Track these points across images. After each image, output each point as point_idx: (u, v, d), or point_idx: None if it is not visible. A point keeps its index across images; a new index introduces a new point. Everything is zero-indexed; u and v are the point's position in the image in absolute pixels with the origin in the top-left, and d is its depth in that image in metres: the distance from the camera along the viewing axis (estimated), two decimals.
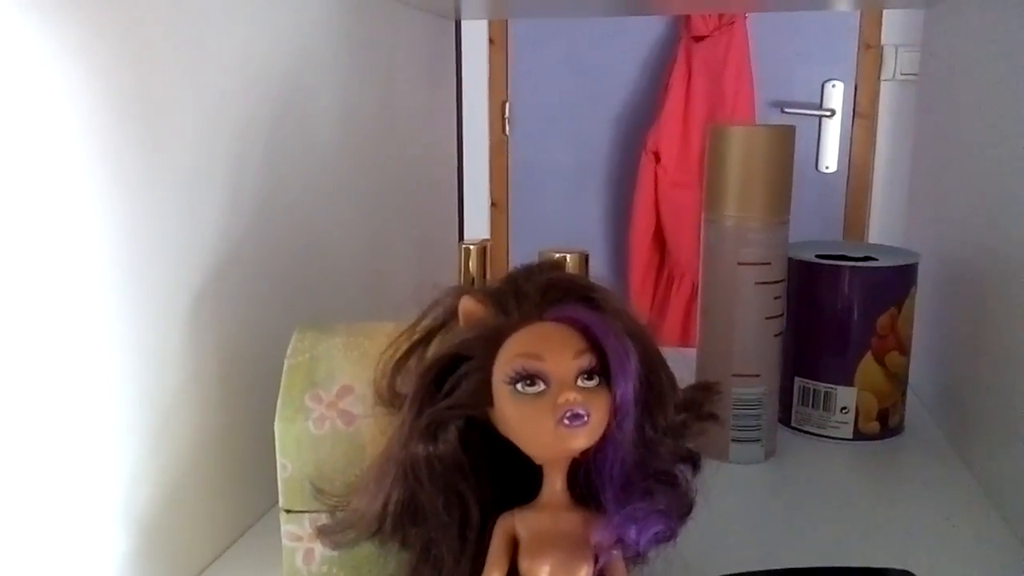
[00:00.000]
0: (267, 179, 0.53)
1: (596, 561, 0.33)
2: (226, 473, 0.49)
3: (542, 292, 0.35)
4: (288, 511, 0.39)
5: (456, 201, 0.97)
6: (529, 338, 0.33)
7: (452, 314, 0.37)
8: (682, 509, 0.35)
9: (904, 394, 0.66)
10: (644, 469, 0.34)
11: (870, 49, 2.20)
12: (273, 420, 0.40)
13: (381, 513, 0.35)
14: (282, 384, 0.39)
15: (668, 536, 0.33)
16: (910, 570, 0.44)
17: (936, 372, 0.70)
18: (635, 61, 2.37)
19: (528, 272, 0.36)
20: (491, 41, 2.40)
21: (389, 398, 0.38)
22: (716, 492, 0.55)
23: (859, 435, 0.64)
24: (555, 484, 0.34)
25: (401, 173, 0.77)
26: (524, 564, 0.33)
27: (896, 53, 2.16)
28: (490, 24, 2.36)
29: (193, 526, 0.46)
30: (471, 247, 0.61)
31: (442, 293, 0.38)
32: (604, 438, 0.33)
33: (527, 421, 0.32)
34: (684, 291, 2.29)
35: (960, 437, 0.63)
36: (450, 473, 0.34)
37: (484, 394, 0.34)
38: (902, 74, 2.14)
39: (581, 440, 0.32)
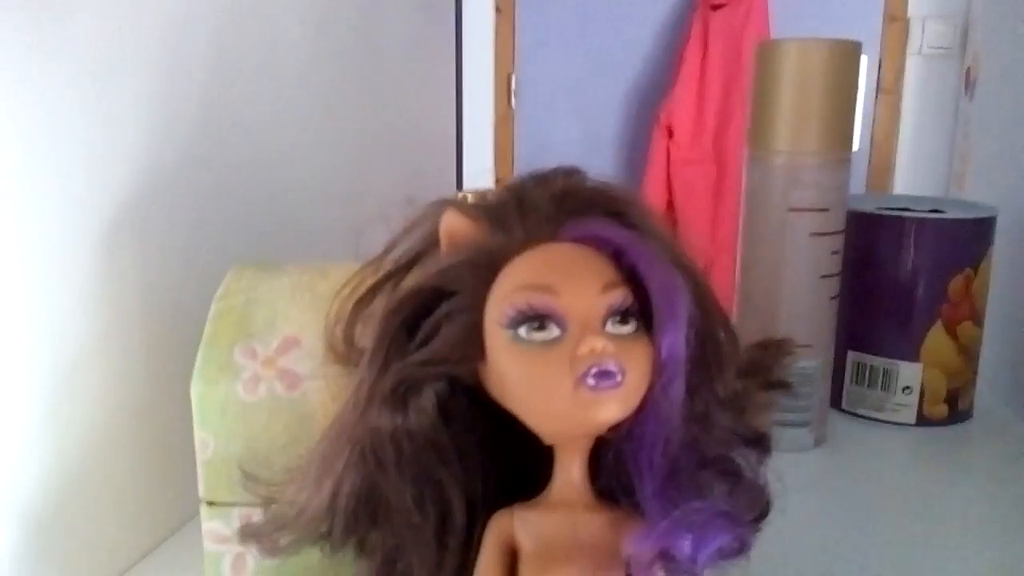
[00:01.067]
0: (213, 97, 0.43)
1: None
2: (147, 455, 0.38)
3: (557, 202, 0.25)
4: (211, 503, 0.29)
5: (455, 174, 0.88)
6: (538, 264, 0.23)
7: (434, 239, 0.27)
8: (754, 511, 0.25)
9: (976, 373, 0.55)
10: (697, 454, 0.24)
11: (895, 21, 2.09)
12: None
13: (328, 509, 0.25)
14: (205, 334, 0.29)
15: (738, 550, 0.23)
16: None
17: (1008, 348, 0.60)
18: (648, 30, 2.27)
19: (538, 178, 0.26)
20: (498, 9, 2.29)
21: (345, 353, 0.28)
22: None
23: (923, 419, 0.54)
24: (571, 473, 0.24)
25: (391, 136, 0.67)
26: None
27: (923, 26, 2.04)
28: None
29: (101, 523, 0.36)
30: (469, 196, 0.51)
31: (421, 211, 0.28)
32: (643, 408, 0.23)
33: (534, 381, 0.22)
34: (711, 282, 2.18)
35: None
36: (425, 455, 0.24)
37: (474, 344, 0.24)
38: (929, 47, 2.03)
39: (612, 408, 0.22)
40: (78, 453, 0.34)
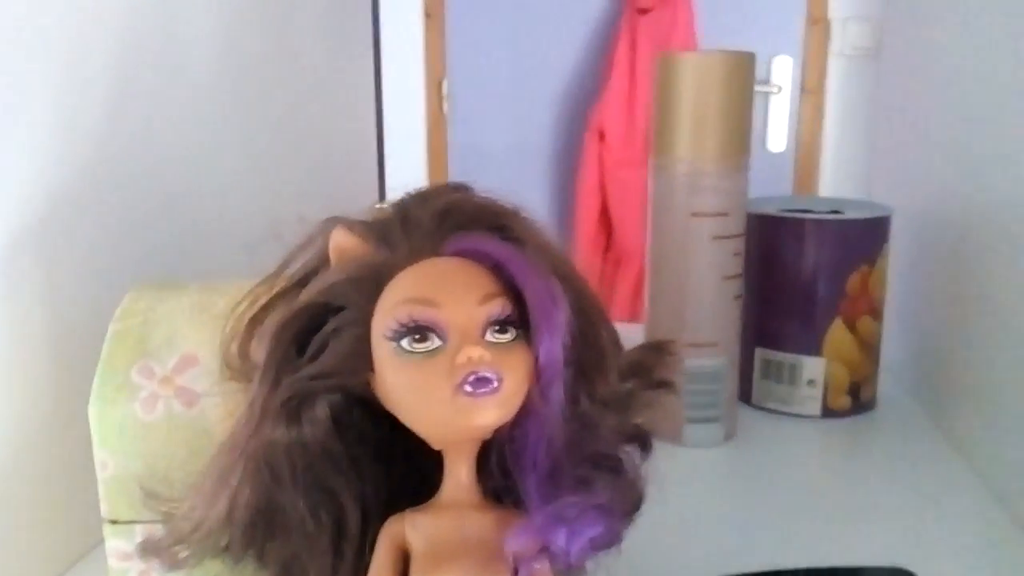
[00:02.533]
0: (116, 108, 0.43)
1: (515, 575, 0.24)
2: (51, 478, 0.38)
3: (440, 218, 0.26)
4: (113, 522, 0.30)
5: (376, 184, 0.88)
6: (419, 278, 0.25)
7: (326, 257, 0.28)
8: (628, 504, 0.26)
9: (877, 365, 0.58)
10: (578, 452, 0.25)
11: (817, 23, 2.15)
12: None
13: (224, 522, 0.25)
14: (102, 355, 0.30)
15: (610, 541, 0.24)
16: (904, 567, 0.36)
17: (910, 340, 0.63)
18: (578, 35, 2.29)
19: (422, 196, 0.27)
20: (427, 15, 2.29)
21: (241, 369, 0.28)
22: (669, 481, 0.46)
23: (828, 412, 0.57)
24: (459, 475, 0.25)
25: (304, 144, 0.67)
26: None
27: (844, 26, 2.11)
28: None
29: (6, 548, 0.35)
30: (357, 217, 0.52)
31: (315, 228, 0.29)
32: (524, 411, 0.24)
33: (416, 389, 0.23)
34: (631, 274, 2.21)
35: (940, 411, 0.56)
36: (318, 465, 0.25)
37: (362, 357, 0.25)
38: (852, 48, 2.09)
39: (490, 413, 0.23)
40: None
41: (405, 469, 0.27)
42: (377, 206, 0.29)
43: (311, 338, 0.25)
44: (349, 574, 0.25)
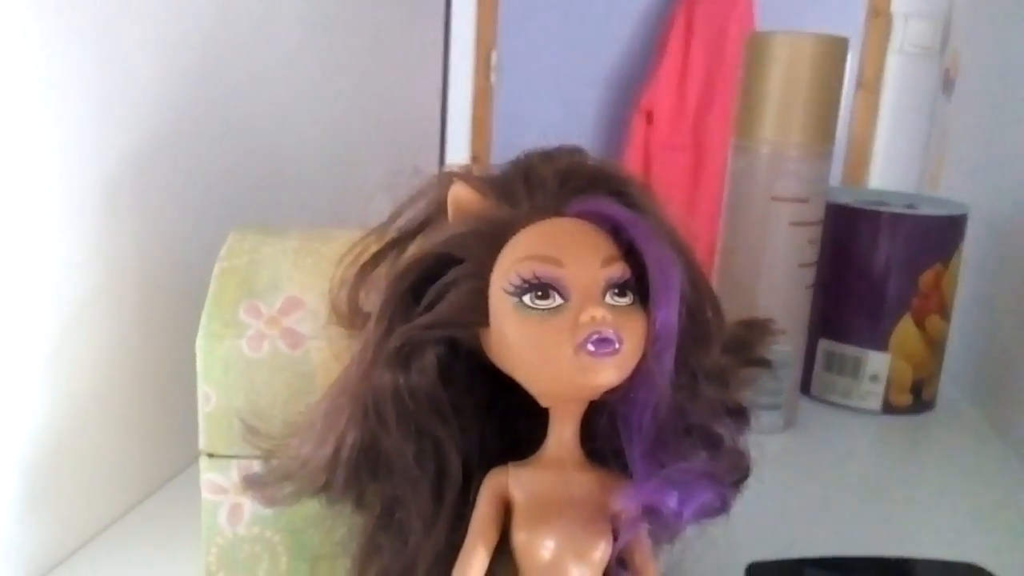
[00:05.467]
0: (214, 63, 0.43)
1: (615, 537, 0.24)
2: (146, 406, 0.39)
3: (562, 178, 0.26)
4: (211, 455, 0.30)
5: (437, 150, 0.88)
6: (544, 237, 0.25)
7: (439, 209, 0.28)
8: (735, 473, 0.26)
9: (941, 365, 0.58)
10: (683, 421, 0.26)
11: (879, 17, 2.11)
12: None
13: (331, 462, 0.26)
14: (210, 292, 0.30)
15: (719, 508, 0.24)
16: (975, 563, 0.36)
17: (973, 343, 0.62)
18: (633, 14, 2.27)
19: (544, 155, 0.27)
20: None
21: (348, 316, 0.29)
22: None
23: (889, 408, 0.56)
24: (564, 434, 0.25)
25: (378, 101, 0.67)
26: (520, 537, 0.24)
27: (906, 22, 2.07)
28: None
29: (97, 472, 0.37)
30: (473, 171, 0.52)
31: (426, 181, 0.29)
32: (636, 375, 0.24)
33: (537, 345, 0.23)
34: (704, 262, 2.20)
35: (1000, 415, 0.55)
36: (425, 413, 0.25)
37: (478, 310, 0.25)
38: (911, 45, 2.06)
39: (609, 373, 0.23)
40: (76, 404, 0.35)
41: (507, 424, 0.27)
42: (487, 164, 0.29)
43: (427, 288, 0.26)
44: (448, 520, 0.26)
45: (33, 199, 0.32)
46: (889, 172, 2.13)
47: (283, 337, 0.30)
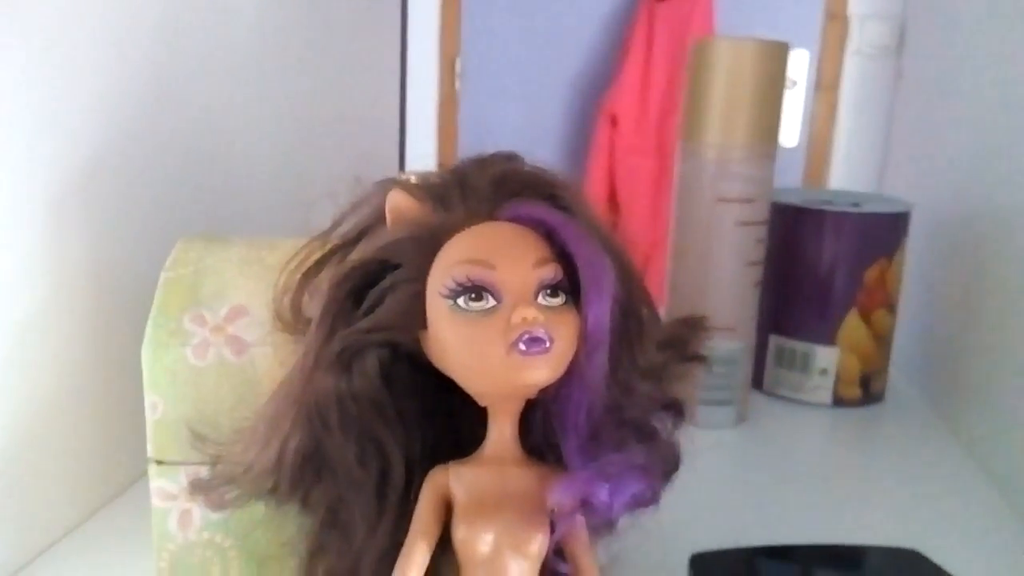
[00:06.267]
0: (163, 70, 0.43)
1: (553, 530, 0.25)
2: (101, 415, 0.40)
3: (495, 184, 0.27)
4: (159, 462, 0.31)
5: (397, 156, 0.89)
6: (477, 240, 0.25)
7: (379, 216, 0.29)
8: (666, 465, 0.27)
9: (889, 358, 0.59)
10: (617, 416, 0.27)
11: (835, 20, 2.15)
12: None
13: (275, 465, 0.26)
14: (155, 302, 0.31)
15: (650, 498, 0.25)
16: (913, 548, 0.37)
17: (920, 336, 0.64)
18: (595, 19, 2.29)
19: (478, 162, 0.28)
20: None
21: (292, 322, 0.29)
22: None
23: (838, 401, 0.58)
24: (503, 432, 0.26)
25: (333, 108, 0.68)
26: (460, 532, 0.25)
27: (863, 23, 2.11)
28: None
29: (50, 482, 0.37)
30: (412, 177, 0.53)
31: (367, 190, 0.29)
32: (569, 373, 0.25)
33: (471, 346, 0.24)
34: (637, 260, 2.22)
35: (947, 406, 0.57)
36: (366, 415, 0.26)
37: (415, 313, 0.26)
38: (870, 46, 2.09)
39: (541, 372, 0.24)
40: (30, 414, 0.35)
41: (447, 424, 0.28)
42: (427, 171, 0.29)
43: (366, 293, 0.26)
44: (392, 519, 0.26)
45: None
46: (848, 170, 2.17)
47: (228, 344, 0.30)
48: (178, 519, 0.31)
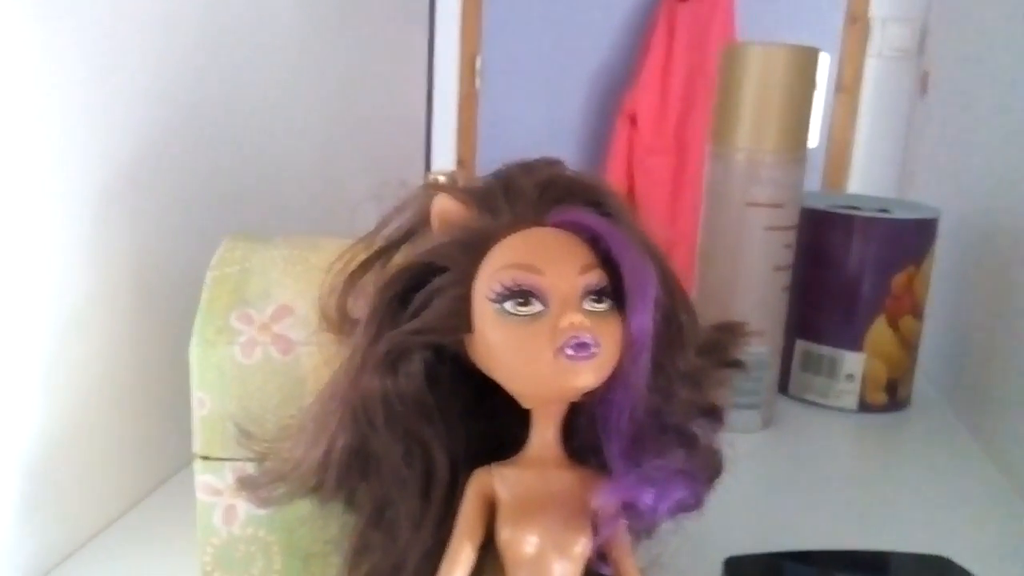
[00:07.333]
0: (204, 64, 0.44)
1: (595, 532, 0.26)
2: (141, 410, 0.40)
3: (541, 189, 0.27)
4: (205, 458, 0.31)
5: (423, 155, 0.89)
6: (524, 245, 0.26)
7: (424, 219, 0.29)
8: (709, 470, 0.27)
9: (915, 364, 0.59)
10: (658, 421, 0.27)
11: (856, 22, 2.14)
12: None
13: (322, 463, 0.27)
14: (202, 299, 0.31)
15: (693, 504, 0.26)
16: (943, 555, 0.38)
17: (946, 342, 0.64)
18: (615, 18, 2.29)
19: (523, 167, 0.29)
20: None
21: (338, 322, 0.30)
22: None
23: (864, 406, 0.58)
24: (546, 434, 0.27)
25: (365, 107, 0.68)
26: (505, 533, 0.25)
27: (884, 26, 2.10)
28: None
29: (94, 475, 0.38)
30: (441, 179, 0.53)
31: (411, 193, 0.30)
32: (612, 378, 0.26)
33: (518, 350, 0.25)
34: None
35: (972, 413, 0.57)
36: (412, 415, 0.27)
37: (461, 316, 0.26)
38: (891, 49, 2.08)
39: (587, 376, 0.24)
40: (72, 408, 0.36)
41: (489, 426, 0.28)
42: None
43: (413, 296, 0.27)
44: (436, 519, 0.27)
45: (29, 206, 0.33)
46: (868, 174, 2.16)
47: (274, 343, 0.31)
48: (223, 514, 0.31)
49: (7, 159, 0.31)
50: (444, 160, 2.32)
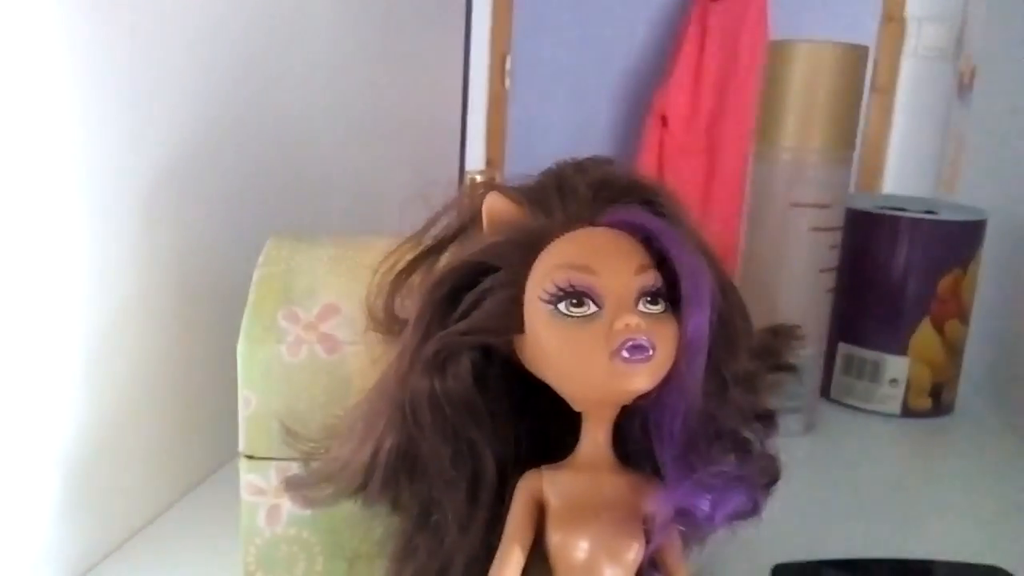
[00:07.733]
0: (245, 66, 0.44)
1: (648, 539, 0.25)
2: (181, 409, 0.40)
3: (595, 189, 0.27)
4: (250, 457, 0.31)
5: (458, 156, 0.89)
6: (578, 246, 0.25)
7: (473, 218, 0.29)
8: (766, 476, 0.27)
9: (960, 369, 0.58)
10: (713, 425, 0.26)
11: (892, 22, 2.11)
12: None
13: (369, 464, 0.27)
14: (250, 298, 0.31)
15: (751, 511, 0.25)
16: (996, 564, 0.37)
17: (993, 347, 0.63)
18: (647, 19, 2.28)
19: (576, 166, 0.28)
20: None
21: (385, 322, 0.30)
22: None
23: (908, 411, 0.57)
24: (598, 438, 0.26)
25: (403, 107, 0.68)
26: (555, 538, 0.25)
27: (920, 26, 2.07)
28: None
29: (134, 474, 0.38)
30: (477, 178, 0.53)
31: (458, 192, 0.29)
32: (667, 381, 0.25)
33: (572, 352, 0.24)
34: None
35: (1019, 418, 0.56)
36: (460, 416, 0.26)
37: (513, 317, 0.26)
38: (926, 48, 2.05)
39: (642, 379, 0.24)
40: (114, 407, 0.36)
41: (538, 428, 0.28)
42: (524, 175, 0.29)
43: (463, 296, 0.26)
44: (483, 521, 0.26)
45: (74, 206, 0.33)
46: (904, 175, 2.13)
47: (321, 342, 0.30)
48: (266, 514, 0.31)
49: (56, 162, 0.31)
50: (474, 161, 2.32)
